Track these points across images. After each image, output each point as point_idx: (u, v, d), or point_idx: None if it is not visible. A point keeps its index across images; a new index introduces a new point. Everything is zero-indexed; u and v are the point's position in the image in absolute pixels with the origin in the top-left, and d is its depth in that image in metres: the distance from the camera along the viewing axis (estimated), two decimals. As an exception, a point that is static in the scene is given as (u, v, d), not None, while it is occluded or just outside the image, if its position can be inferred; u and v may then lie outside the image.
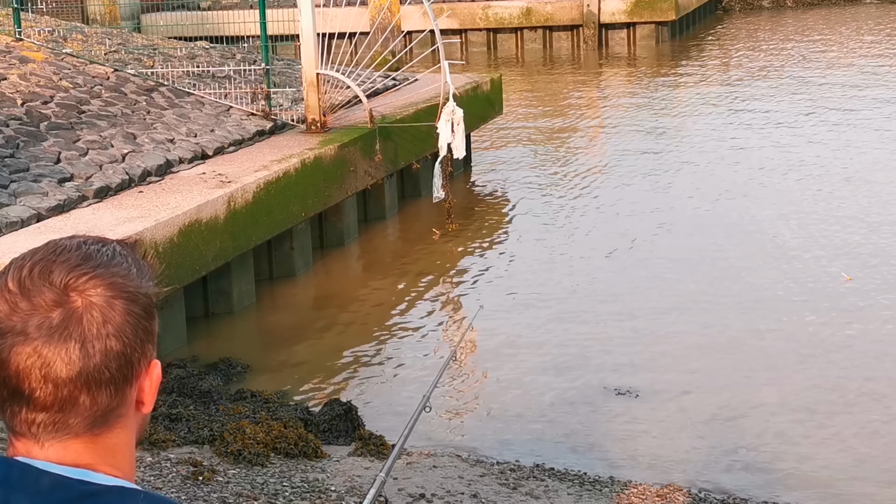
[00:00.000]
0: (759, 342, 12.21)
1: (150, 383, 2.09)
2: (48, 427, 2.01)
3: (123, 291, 2.02)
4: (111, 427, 2.04)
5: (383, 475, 3.82)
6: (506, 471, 9.32)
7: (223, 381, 11.32)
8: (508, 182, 19.83)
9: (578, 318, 13.13)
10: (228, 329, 13.06)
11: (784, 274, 14.21)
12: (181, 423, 9.51)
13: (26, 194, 11.99)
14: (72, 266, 2.00)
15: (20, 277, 1.99)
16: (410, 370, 11.86)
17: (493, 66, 34.18)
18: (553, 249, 15.74)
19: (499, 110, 21.80)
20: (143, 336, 2.05)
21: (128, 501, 2.00)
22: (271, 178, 13.82)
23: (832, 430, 10.18)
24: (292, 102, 17.48)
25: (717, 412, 10.56)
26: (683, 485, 9.12)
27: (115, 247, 2.10)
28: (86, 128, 14.21)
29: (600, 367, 11.68)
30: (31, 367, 1.96)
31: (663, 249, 15.46)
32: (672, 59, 34.62)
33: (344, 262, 15.74)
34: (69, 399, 1.98)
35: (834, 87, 27.75)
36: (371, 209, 17.24)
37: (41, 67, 15.90)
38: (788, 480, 9.33)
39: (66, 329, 1.96)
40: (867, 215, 16.54)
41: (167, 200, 12.53)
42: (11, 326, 1.97)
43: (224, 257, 12.80)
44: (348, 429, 9.99)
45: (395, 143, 16.90)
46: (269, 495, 8.09)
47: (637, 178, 19.49)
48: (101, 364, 1.98)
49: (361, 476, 8.69)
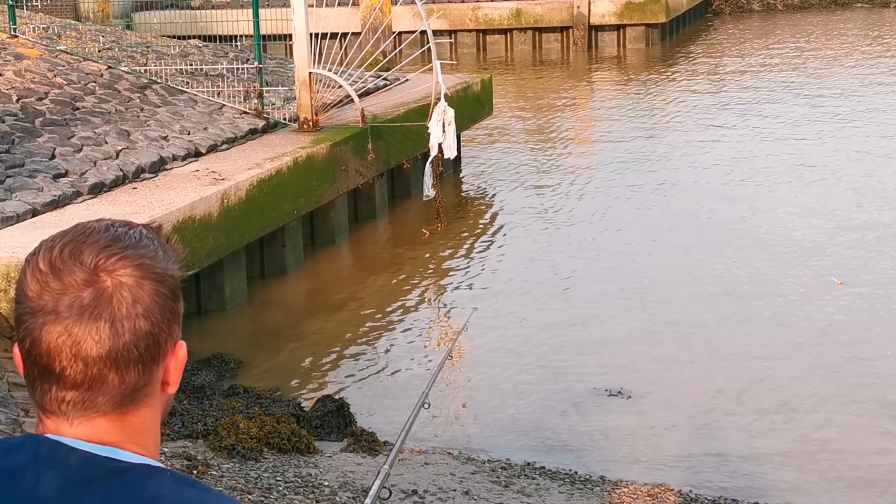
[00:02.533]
0: (750, 344, 12.25)
1: (175, 364, 2.13)
2: (77, 405, 2.04)
3: (152, 272, 2.06)
4: (138, 406, 2.08)
5: (387, 468, 3.85)
6: (497, 469, 9.36)
7: (216, 377, 11.36)
8: (498, 182, 19.87)
9: (569, 318, 13.17)
10: (221, 325, 13.09)
11: (776, 277, 14.26)
12: (175, 418, 9.55)
13: (21, 189, 12.02)
14: (102, 247, 2.04)
15: (51, 258, 2.03)
16: (401, 367, 11.90)
17: (482, 67, 34.20)
18: (543, 249, 15.79)
19: (489, 111, 21.85)
20: (170, 317, 2.09)
21: (154, 479, 2.04)
22: (264, 177, 13.86)
23: (823, 431, 10.23)
24: (284, 101, 17.51)
25: (708, 412, 10.61)
26: (674, 485, 9.17)
27: (142, 230, 2.14)
28: (80, 124, 14.24)
29: (592, 368, 11.72)
30: (61, 346, 2.00)
31: (653, 250, 15.52)
32: (662, 62, 34.66)
33: (334, 260, 15.78)
34: (98, 377, 2.02)
35: (824, 90, 27.81)
36: (361, 208, 17.28)
37: (36, 64, 15.92)
38: (779, 480, 9.38)
39: (96, 308, 2.00)
40: (858, 218, 16.60)
41: (161, 197, 12.57)
42: (42, 305, 2.01)
43: (217, 254, 12.84)
44: (340, 425, 10.04)
45: (387, 143, 16.94)
46: (263, 490, 8.12)
47: (626, 179, 19.55)
48: (130, 343, 2.02)
49: (354, 472, 8.73)
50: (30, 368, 2.06)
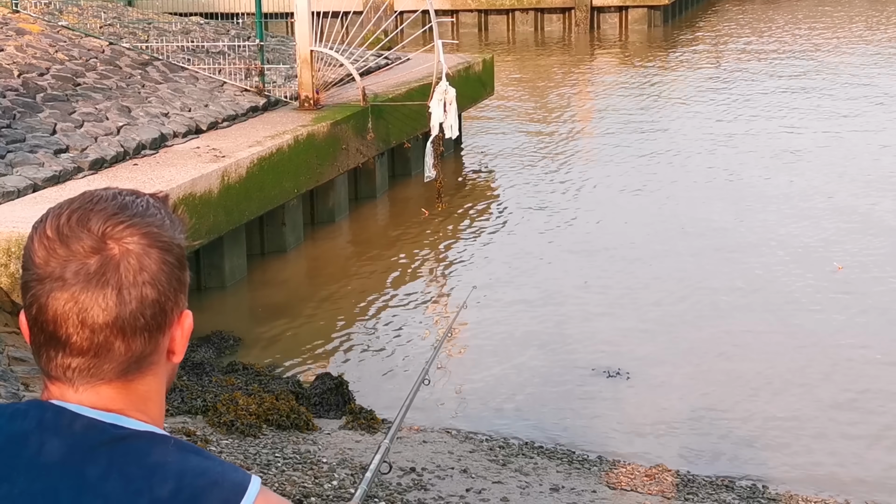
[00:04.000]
0: (749, 326, 12.27)
1: (181, 333, 2.14)
2: (83, 372, 2.05)
3: (158, 241, 2.06)
4: (143, 374, 2.09)
5: (388, 442, 3.85)
6: (495, 447, 9.38)
7: (215, 354, 11.38)
8: (498, 162, 19.87)
9: (569, 298, 13.18)
10: (220, 303, 13.11)
11: (776, 259, 14.26)
12: (174, 394, 9.56)
13: (22, 164, 12.02)
14: (109, 215, 2.04)
15: (58, 225, 2.03)
16: (400, 346, 11.92)
17: (484, 47, 34.15)
18: (543, 229, 15.79)
19: (490, 91, 21.82)
20: (177, 285, 2.10)
21: (158, 447, 2.04)
22: (265, 154, 13.86)
23: (821, 413, 10.26)
24: (285, 79, 17.50)
25: (706, 394, 10.63)
26: (672, 465, 9.19)
27: (149, 199, 2.15)
28: (81, 100, 14.24)
29: (591, 349, 11.74)
30: (68, 313, 2.00)
31: (653, 230, 15.52)
32: (664, 44, 34.63)
33: (334, 238, 15.78)
34: (104, 345, 2.02)
35: (826, 74, 27.79)
36: (362, 187, 17.27)
37: (37, 39, 15.90)
38: (776, 461, 9.40)
39: (103, 275, 2.00)
40: (859, 203, 16.61)
41: (161, 173, 12.58)
42: (49, 272, 2.01)
43: (217, 231, 12.84)
44: (339, 402, 10.05)
45: (387, 122, 16.93)
46: (262, 466, 8.14)
47: (627, 160, 19.54)
48: (136, 311, 2.02)
49: (352, 449, 8.75)
50: (36, 335, 2.06)
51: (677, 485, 8.77)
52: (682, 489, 8.70)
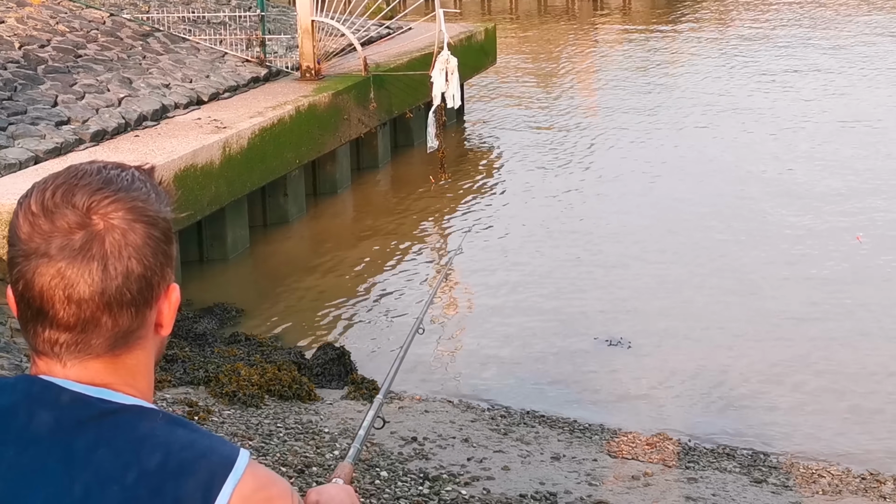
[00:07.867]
0: (754, 294, 12.27)
1: (168, 306, 2.13)
2: (70, 347, 2.05)
3: (143, 215, 2.06)
4: (131, 348, 2.09)
5: (381, 397, 3.88)
6: (496, 417, 9.40)
7: (218, 325, 11.40)
8: (501, 132, 19.85)
9: (571, 267, 13.19)
10: (223, 274, 13.12)
11: (790, 226, 14.23)
12: (177, 364, 9.59)
13: (24, 136, 12.02)
14: (94, 189, 2.04)
15: (43, 200, 2.03)
16: (403, 317, 11.92)
17: (486, 17, 34.07)
18: (546, 198, 15.79)
19: (493, 60, 21.78)
20: (163, 259, 2.09)
21: (146, 420, 2.05)
22: (266, 125, 13.85)
23: (822, 382, 10.26)
24: (286, 50, 17.47)
25: (707, 363, 10.64)
26: (673, 433, 9.21)
27: (134, 172, 2.14)
28: (82, 72, 14.22)
29: (592, 317, 11.75)
30: (54, 288, 2.00)
31: (656, 199, 15.51)
32: (667, 12, 34.53)
33: (336, 209, 15.77)
34: (91, 319, 2.02)
35: (834, 44, 27.72)
36: (364, 157, 17.26)
37: (38, 11, 15.88)
38: (777, 430, 9.42)
39: (88, 250, 2.00)
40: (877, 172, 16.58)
41: (163, 145, 12.58)
42: (35, 248, 2.01)
43: (219, 202, 12.84)
44: (341, 373, 10.07)
45: (389, 92, 16.90)
46: (264, 436, 8.17)
47: (630, 130, 19.52)
48: (122, 285, 2.02)
49: (354, 419, 8.77)
50: (23, 311, 2.07)
51: (678, 453, 8.79)
52: (683, 457, 8.73)
